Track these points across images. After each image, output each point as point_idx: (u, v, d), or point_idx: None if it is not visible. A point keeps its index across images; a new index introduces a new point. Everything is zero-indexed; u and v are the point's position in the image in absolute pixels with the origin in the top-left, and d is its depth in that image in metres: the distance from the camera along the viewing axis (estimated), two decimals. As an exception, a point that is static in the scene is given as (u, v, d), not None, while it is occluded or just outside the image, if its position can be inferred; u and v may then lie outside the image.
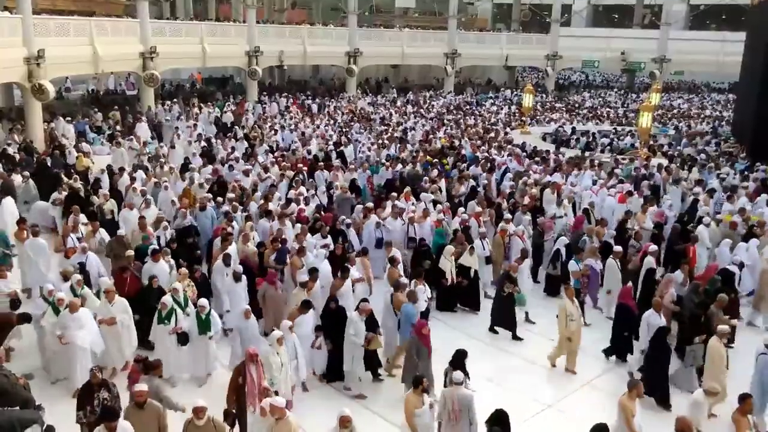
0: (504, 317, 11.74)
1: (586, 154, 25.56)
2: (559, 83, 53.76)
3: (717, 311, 10.26)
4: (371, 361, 9.91)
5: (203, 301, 9.63)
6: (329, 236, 13.02)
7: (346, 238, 13.29)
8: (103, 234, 12.92)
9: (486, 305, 12.54)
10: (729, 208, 16.15)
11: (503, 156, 22.44)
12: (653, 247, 12.70)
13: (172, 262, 11.52)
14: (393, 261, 11.89)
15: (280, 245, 12.11)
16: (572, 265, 12.44)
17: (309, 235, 12.94)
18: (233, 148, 21.92)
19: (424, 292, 10.97)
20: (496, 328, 11.94)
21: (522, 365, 10.97)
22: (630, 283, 11.57)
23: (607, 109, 40.99)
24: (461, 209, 15.34)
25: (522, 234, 13.90)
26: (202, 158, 20.42)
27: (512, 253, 13.56)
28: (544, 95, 44.51)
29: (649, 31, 49.58)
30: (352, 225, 14.00)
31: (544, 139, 30.63)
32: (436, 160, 20.72)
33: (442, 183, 17.76)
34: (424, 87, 47.30)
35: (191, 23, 36.78)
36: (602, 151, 27.35)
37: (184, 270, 10.89)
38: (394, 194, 15.96)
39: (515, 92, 45.47)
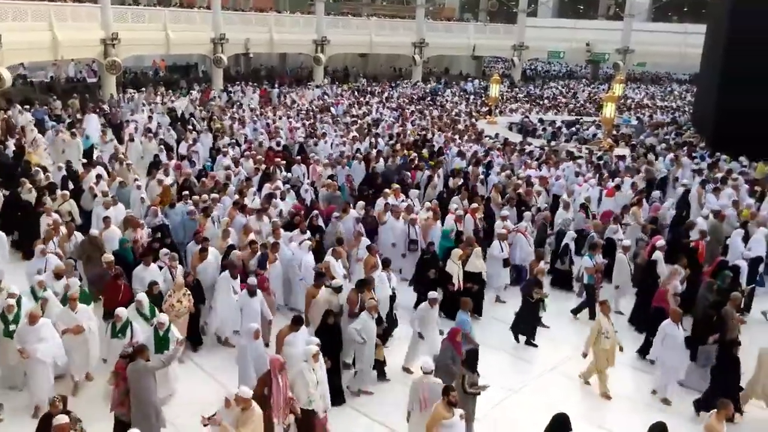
0: (528, 323, 11.22)
1: (552, 143, 25.84)
2: (526, 74, 54.16)
3: (731, 310, 10.02)
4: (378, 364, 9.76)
5: (162, 317, 8.92)
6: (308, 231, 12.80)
7: (323, 232, 13.17)
8: (78, 237, 12.24)
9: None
10: (714, 201, 16.06)
11: (481, 148, 22.39)
12: (661, 242, 12.39)
13: (180, 268, 10.95)
14: (370, 249, 11.86)
15: (259, 249, 11.61)
16: (586, 261, 12.13)
17: (281, 230, 12.65)
18: (195, 141, 21.04)
19: (391, 280, 10.95)
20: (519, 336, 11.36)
21: (491, 353, 10.77)
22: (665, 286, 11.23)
23: (564, 100, 41.38)
24: (454, 206, 14.71)
25: (525, 230, 13.46)
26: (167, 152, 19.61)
27: (516, 252, 13.12)
28: (503, 86, 44.55)
29: (614, 23, 50.29)
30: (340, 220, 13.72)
31: (510, 129, 30.89)
32: (415, 154, 20.39)
33: (435, 178, 17.51)
34: (392, 78, 47.21)
35: (154, 9, 35.98)
36: (567, 141, 27.69)
37: (180, 279, 10.30)
38: (387, 191, 15.43)
39: (480, 82, 45.60)
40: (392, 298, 10.91)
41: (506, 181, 17.53)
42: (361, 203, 14.72)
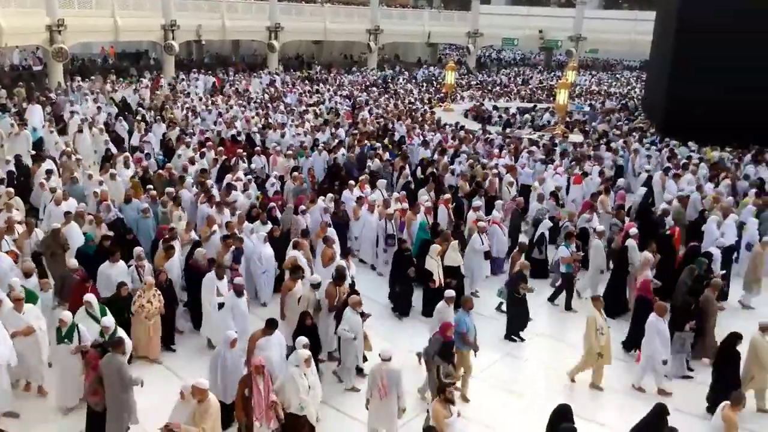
0: (519, 320, 11.14)
1: (508, 131, 26.09)
2: (481, 61, 54.48)
3: (711, 296, 10.09)
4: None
5: (107, 320, 8.54)
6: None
7: (278, 223, 13.05)
8: (39, 234, 11.79)
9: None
10: (675, 188, 16.40)
11: (447, 136, 22.41)
12: (634, 230, 12.44)
13: (148, 267, 10.61)
14: (327, 240, 11.75)
15: (234, 245, 11.40)
16: (563, 251, 12.14)
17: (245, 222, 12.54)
18: (147, 131, 20.48)
19: (350, 269, 10.95)
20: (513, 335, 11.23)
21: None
22: (647, 276, 11.23)
23: (516, 87, 41.72)
24: (424, 197, 14.58)
25: (500, 221, 13.43)
26: (116, 145, 18.98)
27: (492, 243, 12.97)
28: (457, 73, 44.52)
29: (566, 10, 51.01)
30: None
31: (465, 116, 31.06)
32: (378, 144, 20.21)
33: (407, 168, 17.38)
34: (346, 65, 46.88)
35: (101, -6, 34.96)
36: (520, 128, 27.98)
37: (150, 279, 9.87)
38: (351, 183, 15.34)
39: (430, 70, 45.61)
40: (351, 286, 10.77)
41: (470, 170, 17.55)
42: (330, 195, 14.58)
